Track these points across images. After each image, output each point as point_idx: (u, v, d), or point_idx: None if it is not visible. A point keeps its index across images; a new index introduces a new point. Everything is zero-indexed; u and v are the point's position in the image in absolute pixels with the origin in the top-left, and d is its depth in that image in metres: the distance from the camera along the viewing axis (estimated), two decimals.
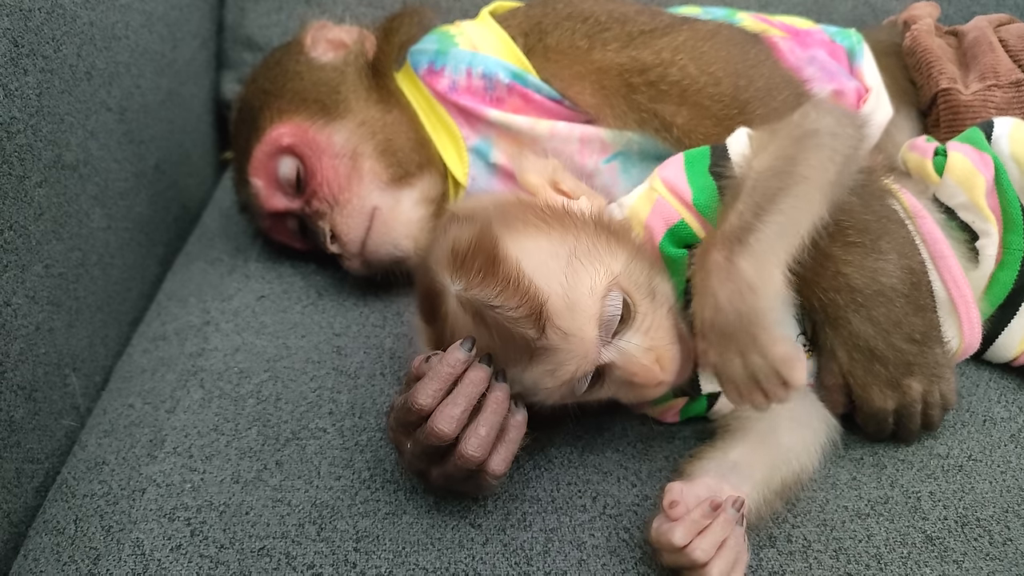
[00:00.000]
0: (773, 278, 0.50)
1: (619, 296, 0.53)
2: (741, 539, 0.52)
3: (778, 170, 0.53)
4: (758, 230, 0.50)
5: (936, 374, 0.60)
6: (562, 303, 0.50)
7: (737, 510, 0.52)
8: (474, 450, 0.51)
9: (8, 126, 0.61)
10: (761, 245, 0.50)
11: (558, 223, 0.54)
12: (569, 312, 0.51)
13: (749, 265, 0.49)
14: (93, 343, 0.74)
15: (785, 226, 0.51)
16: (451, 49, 0.78)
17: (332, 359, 0.71)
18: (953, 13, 1.05)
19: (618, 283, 0.53)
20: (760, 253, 0.49)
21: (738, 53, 0.70)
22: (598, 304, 0.51)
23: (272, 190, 0.79)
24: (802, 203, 0.52)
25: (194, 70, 1.03)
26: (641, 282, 0.54)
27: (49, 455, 0.66)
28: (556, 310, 0.50)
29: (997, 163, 0.65)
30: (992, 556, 0.54)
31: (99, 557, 0.55)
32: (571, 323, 0.50)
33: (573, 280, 0.51)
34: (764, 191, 0.52)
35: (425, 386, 0.52)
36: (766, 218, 0.50)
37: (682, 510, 0.51)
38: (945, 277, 0.62)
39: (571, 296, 0.51)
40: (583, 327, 0.51)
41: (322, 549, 0.55)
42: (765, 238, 0.50)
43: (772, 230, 0.50)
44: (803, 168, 0.53)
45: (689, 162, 0.60)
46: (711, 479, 0.54)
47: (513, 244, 0.52)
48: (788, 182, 0.52)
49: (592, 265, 0.52)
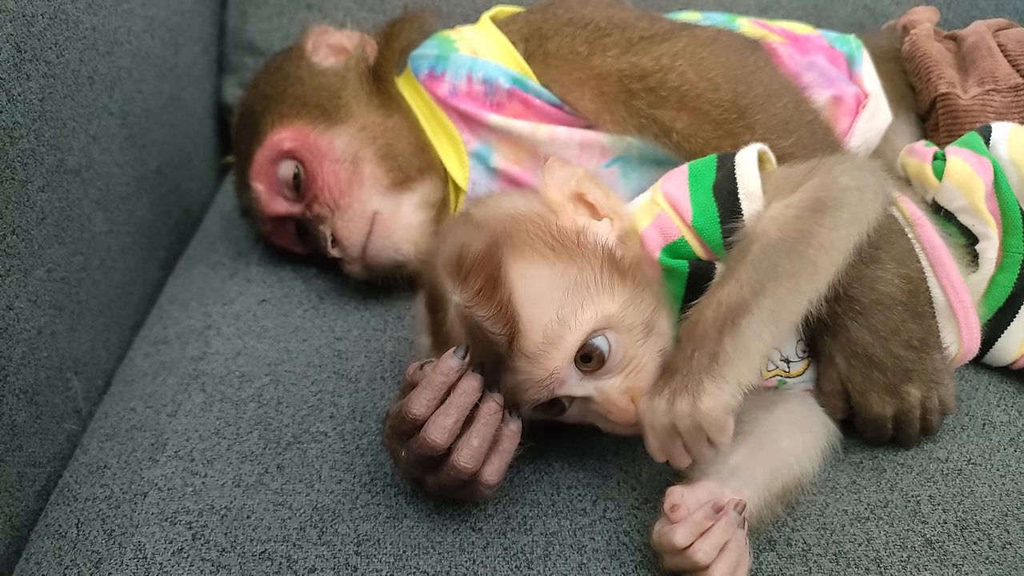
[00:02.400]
0: (742, 379, 0.50)
1: (605, 337, 0.53)
2: (743, 542, 0.52)
3: (789, 247, 0.52)
4: (751, 313, 0.50)
5: (934, 380, 0.60)
6: (540, 334, 0.51)
7: (739, 513, 0.52)
8: (466, 461, 0.52)
9: (11, 131, 0.61)
10: (746, 336, 0.50)
11: (566, 254, 0.54)
12: (544, 343, 0.51)
13: (718, 388, 0.49)
14: (95, 347, 0.74)
15: (778, 312, 0.51)
16: (452, 54, 0.79)
17: (333, 363, 0.72)
18: (952, 18, 1.05)
19: (609, 324, 0.53)
20: (740, 352, 0.50)
21: (737, 59, 0.70)
22: (577, 341, 0.52)
23: (273, 194, 0.80)
24: (805, 286, 0.52)
25: (195, 74, 1.03)
26: (637, 323, 0.54)
27: (51, 459, 0.66)
28: (532, 338, 0.51)
29: (996, 167, 0.65)
30: (991, 560, 0.54)
31: (101, 561, 0.55)
32: (542, 354, 0.51)
33: (561, 314, 0.51)
34: (769, 268, 0.51)
35: (418, 395, 0.52)
36: (762, 301, 0.50)
37: (683, 513, 0.51)
38: (944, 283, 0.62)
39: (551, 329, 0.51)
40: (553, 359, 0.52)
41: (323, 553, 0.55)
42: (754, 325, 0.50)
43: (765, 315, 0.50)
44: (815, 250, 0.52)
45: (693, 176, 0.60)
46: (712, 483, 0.55)
47: (515, 268, 0.52)
48: (797, 264, 0.51)
49: (584, 303, 0.52)
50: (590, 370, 0.53)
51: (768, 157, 0.60)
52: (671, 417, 0.49)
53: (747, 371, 0.50)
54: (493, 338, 0.51)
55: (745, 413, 0.63)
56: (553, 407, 0.55)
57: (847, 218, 0.53)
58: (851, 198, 0.54)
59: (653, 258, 0.58)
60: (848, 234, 0.53)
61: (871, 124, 0.79)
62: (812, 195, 0.54)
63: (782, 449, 0.59)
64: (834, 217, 0.53)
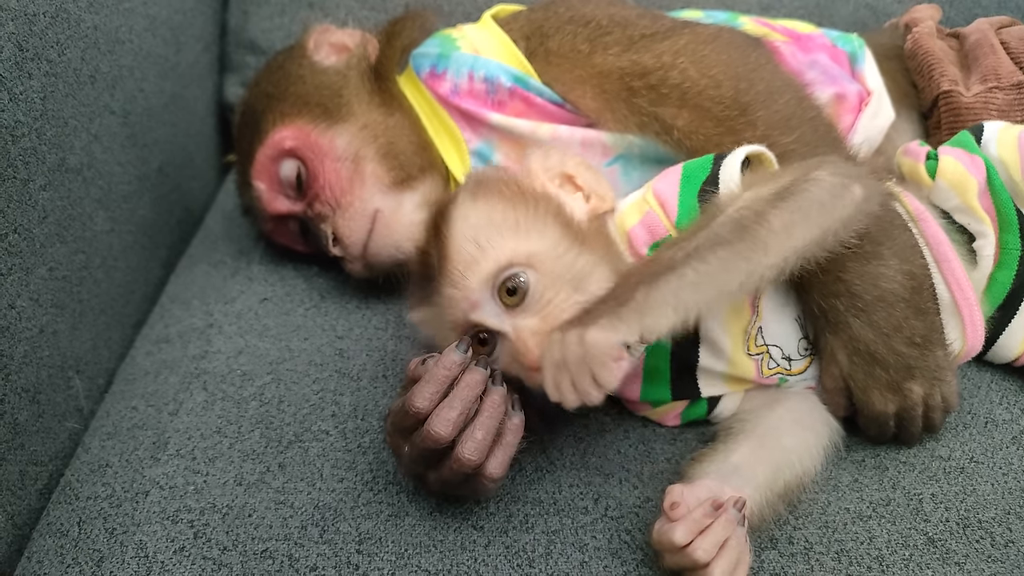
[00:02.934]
0: (643, 328, 0.48)
1: (523, 273, 0.54)
2: (743, 540, 0.52)
3: (739, 223, 0.51)
4: (675, 273, 0.49)
5: (937, 377, 0.60)
6: (466, 260, 0.55)
7: (739, 510, 0.52)
8: (471, 454, 0.51)
9: (13, 130, 0.61)
10: (661, 292, 0.48)
11: (514, 199, 0.57)
12: (463, 267, 0.55)
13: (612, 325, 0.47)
14: (96, 346, 0.74)
15: (706, 279, 0.49)
16: (453, 53, 0.79)
17: (335, 361, 0.72)
18: (955, 15, 1.05)
19: (530, 262, 0.54)
20: (650, 305, 0.48)
21: (739, 56, 0.70)
22: (491, 268, 0.54)
23: (275, 193, 0.80)
24: (743, 262, 0.50)
25: (197, 73, 1.03)
26: (564, 273, 0.55)
27: (53, 457, 0.67)
28: (454, 263, 0.55)
29: (988, 164, 0.65)
30: (994, 558, 0.54)
31: (103, 559, 0.55)
32: (462, 278, 0.55)
33: (481, 242, 0.55)
34: (712, 238, 0.51)
35: (421, 389, 0.52)
36: (692, 264, 0.49)
37: (683, 511, 0.51)
38: (948, 279, 0.62)
39: (470, 254, 0.55)
40: (470, 282, 0.55)
41: (325, 551, 0.55)
42: (673, 284, 0.49)
43: (689, 277, 0.49)
44: (764, 231, 0.50)
45: (686, 177, 0.60)
46: (712, 481, 0.55)
47: (462, 207, 0.57)
48: (741, 239, 0.50)
49: (508, 237, 0.55)
50: (511, 305, 0.54)
51: (767, 158, 0.60)
52: (561, 347, 0.48)
53: (651, 323, 0.48)
54: (426, 263, 0.57)
55: (746, 411, 0.63)
56: (484, 346, 0.56)
57: (808, 207, 0.52)
58: (819, 190, 0.53)
59: (640, 256, 0.59)
60: (808, 223, 0.52)
61: (874, 122, 0.79)
62: (781, 184, 0.54)
63: (784, 447, 0.59)
64: (794, 203, 0.52)
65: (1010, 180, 0.65)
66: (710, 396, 0.63)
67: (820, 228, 0.52)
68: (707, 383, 0.62)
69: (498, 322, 0.55)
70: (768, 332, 0.60)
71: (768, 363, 0.61)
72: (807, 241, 0.52)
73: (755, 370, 0.61)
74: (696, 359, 0.61)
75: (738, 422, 0.62)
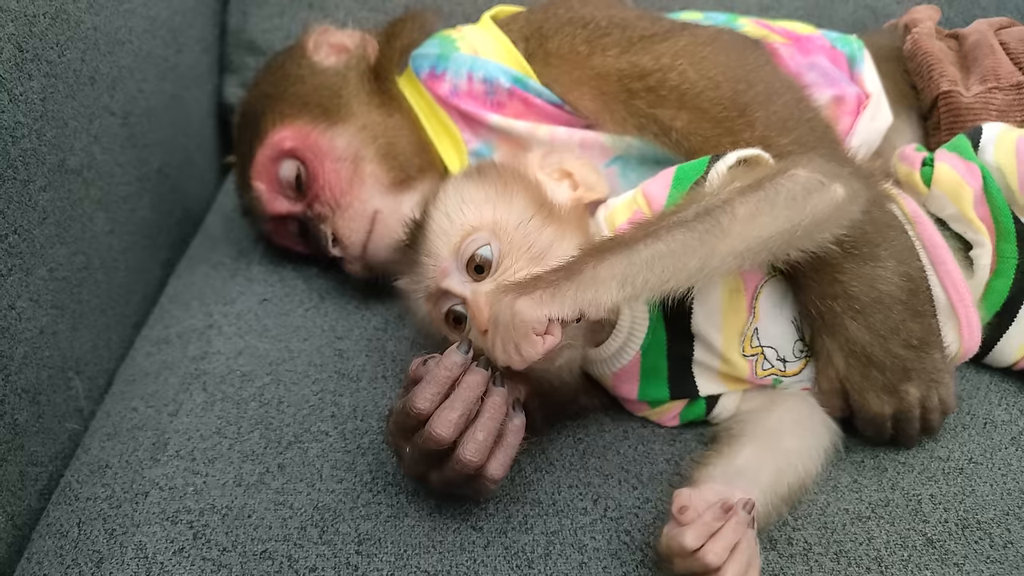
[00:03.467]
0: (581, 304, 0.48)
1: (485, 240, 0.56)
2: (754, 542, 0.51)
3: (705, 209, 0.51)
4: (628, 251, 0.49)
5: (934, 379, 0.60)
6: (438, 230, 0.58)
7: (748, 512, 0.51)
8: (472, 455, 0.51)
9: (12, 130, 0.61)
10: (609, 270, 0.48)
11: (496, 179, 0.60)
12: (436, 238, 0.58)
13: (545, 299, 0.48)
14: (96, 346, 0.74)
15: (660, 261, 0.49)
16: (452, 53, 0.79)
17: (334, 362, 0.72)
18: (954, 16, 1.05)
19: (493, 230, 0.57)
20: (595, 281, 0.48)
21: (737, 57, 0.70)
22: (457, 237, 0.57)
23: (274, 194, 0.80)
24: (701, 247, 0.50)
25: (197, 74, 1.03)
26: (526, 244, 0.56)
27: (52, 458, 0.67)
28: (431, 234, 0.58)
29: (984, 172, 0.65)
30: (993, 559, 0.54)
31: (102, 560, 0.55)
32: (432, 245, 0.58)
33: (456, 216, 0.58)
34: (676, 220, 0.51)
35: (423, 390, 0.52)
36: (648, 244, 0.49)
37: (692, 515, 0.50)
38: (945, 282, 0.62)
39: (444, 228, 0.58)
40: (440, 252, 0.58)
41: (324, 552, 0.55)
42: (623, 263, 0.49)
43: (642, 258, 0.49)
44: (727, 217, 0.50)
45: (678, 178, 0.60)
46: (719, 484, 0.54)
47: (450, 184, 0.61)
48: (701, 223, 0.50)
49: (479, 208, 0.58)
50: (479, 279, 0.57)
51: (764, 160, 0.60)
52: (496, 309, 0.48)
53: (592, 296, 0.48)
54: (413, 235, 0.60)
55: (746, 412, 0.63)
56: (460, 324, 0.58)
57: (775, 199, 0.51)
58: (792, 184, 0.52)
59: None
60: (774, 214, 0.51)
61: (872, 125, 0.79)
62: (757, 177, 0.53)
63: (786, 450, 0.58)
64: (763, 194, 0.51)
65: (1007, 187, 0.64)
66: (708, 395, 0.63)
67: (788, 221, 0.51)
68: (704, 380, 0.62)
69: (460, 288, 0.57)
70: (764, 333, 0.60)
71: (762, 364, 0.61)
72: (772, 233, 0.51)
73: (749, 370, 0.61)
74: (691, 353, 0.61)
75: (738, 424, 0.62)
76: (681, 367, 0.62)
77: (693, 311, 0.60)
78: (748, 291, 0.60)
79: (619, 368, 0.62)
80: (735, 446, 0.59)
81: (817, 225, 0.52)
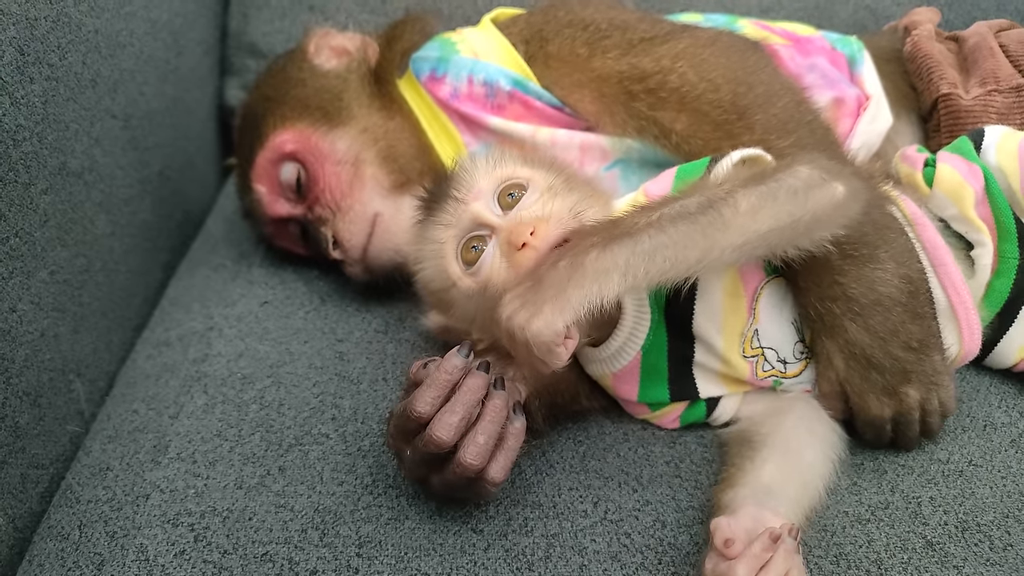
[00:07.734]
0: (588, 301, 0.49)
1: (520, 185, 0.58)
2: (802, 569, 0.50)
3: (707, 202, 0.51)
4: (632, 240, 0.49)
5: (934, 381, 0.60)
6: (478, 168, 0.59)
7: (795, 538, 0.50)
8: (472, 458, 0.52)
9: (14, 133, 0.61)
10: (612, 260, 0.49)
11: (536, 158, 0.62)
12: (475, 174, 0.59)
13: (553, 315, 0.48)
14: (97, 349, 0.74)
15: (662, 251, 0.49)
16: (453, 56, 0.79)
17: (335, 365, 0.72)
18: (954, 18, 1.05)
19: (530, 182, 0.58)
20: (599, 273, 0.49)
21: (737, 59, 0.70)
22: (499, 178, 0.58)
23: (275, 196, 0.80)
24: (703, 239, 0.50)
25: (198, 77, 1.03)
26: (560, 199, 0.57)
27: (54, 461, 0.67)
28: (469, 173, 0.59)
29: (986, 173, 0.65)
30: (992, 561, 0.54)
31: (103, 562, 0.55)
32: (471, 181, 0.58)
33: (497, 163, 0.60)
34: (678, 211, 0.51)
35: (423, 393, 0.52)
36: (651, 234, 0.50)
37: (740, 547, 0.49)
38: (945, 283, 0.62)
39: (484, 168, 0.59)
40: (477, 183, 0.58)
41: (325, 555, 0.55)
42: (626, 253, 0.49)
43: (644, 247, 0.49)
44: (728, 210, 0.50)
45: (679, 179, 0.60)
46: (753, 508, 0.53)
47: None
48: (703, 214, 0.50)
49: (517, 166, 0.59)
50: (508, 207, 0.57)
51: (766, 160, 0.60)
52: (511, 327, 0.49)
53: (596, 292, 0.48)
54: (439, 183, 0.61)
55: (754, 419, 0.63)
56: (473, 253, 0.57)
57: (777, 193, 0.52)
58: (794, 179, 0.53)
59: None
60: (776, 209, 0.51)
61: (872, 126, 0.79)
62: (759, 173, 0.54)
63: (807, 463, 0.58)
64: (765, 188, 0.52)
65: (1009, 189, 0.65)
66: (708, 397, 0.63)
67: (789, 216, 0.52)
68: (705, 382, 0.62)
69: (495, 217, 0.56)
70: (764, 335, 0.60)
71: (763, 365, 0.61)
72: (772, 227, 0.51)
73: (749, 372, 0.61)
74: (692, 354, 0.61)
75: (751, 433, 0.61)
76: (682, 368, 0.62)
77: (695, 313, 0.60)
78: (748, 293, 0.60)
79: (619, 368, 0.62)
80: (757, 461, 0.58)
81: (817, 222, 0.53)
